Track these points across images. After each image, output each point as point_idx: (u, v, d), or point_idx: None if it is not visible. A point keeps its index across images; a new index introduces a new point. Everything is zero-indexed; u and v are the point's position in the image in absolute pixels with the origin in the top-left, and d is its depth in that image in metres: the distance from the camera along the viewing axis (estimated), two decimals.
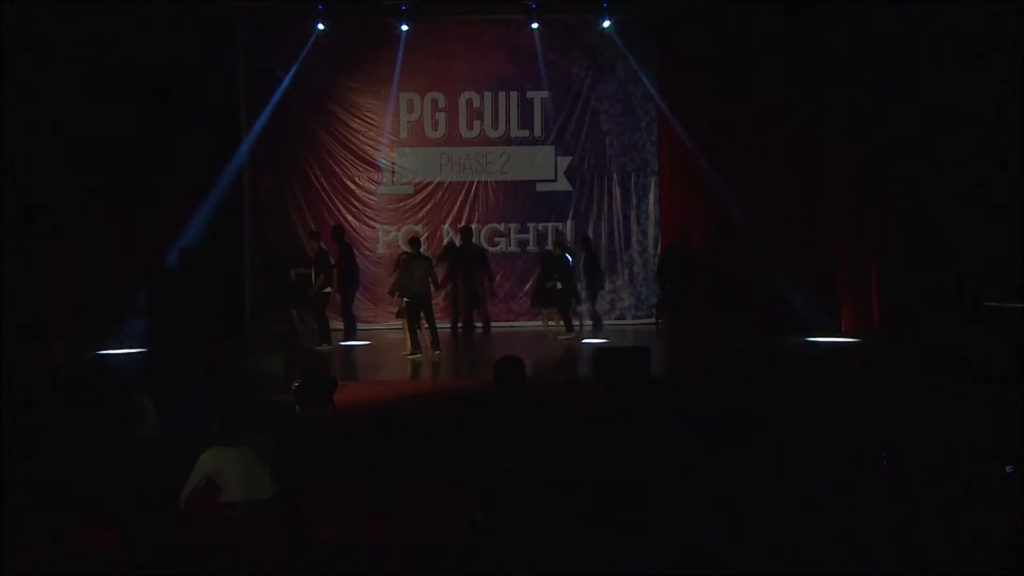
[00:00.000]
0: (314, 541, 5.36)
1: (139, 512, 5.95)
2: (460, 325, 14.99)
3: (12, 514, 5.84)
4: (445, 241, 15.24)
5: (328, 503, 6.05)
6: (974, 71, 11.90)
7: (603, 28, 14.88)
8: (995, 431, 6.53)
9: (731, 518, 5.40)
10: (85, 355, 12.51)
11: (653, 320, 15.08)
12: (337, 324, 14.22)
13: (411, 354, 12.31)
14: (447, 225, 15.40)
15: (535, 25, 14.72)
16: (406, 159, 15.40)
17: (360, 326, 14.87)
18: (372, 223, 15.36)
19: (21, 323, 11.71)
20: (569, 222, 15.44)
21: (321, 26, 14.58)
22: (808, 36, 13.58)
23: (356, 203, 15.34)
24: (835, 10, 12.96)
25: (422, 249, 13.08)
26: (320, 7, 14.45)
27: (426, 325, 12.58)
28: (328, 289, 13.25)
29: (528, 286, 14.87)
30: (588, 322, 14.70)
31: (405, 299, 12.40)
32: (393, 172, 15.41)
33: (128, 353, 12.86)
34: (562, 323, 13.94)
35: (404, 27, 14.60)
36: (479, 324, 15.00)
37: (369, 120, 15.33)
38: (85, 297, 13.02)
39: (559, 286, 13.75)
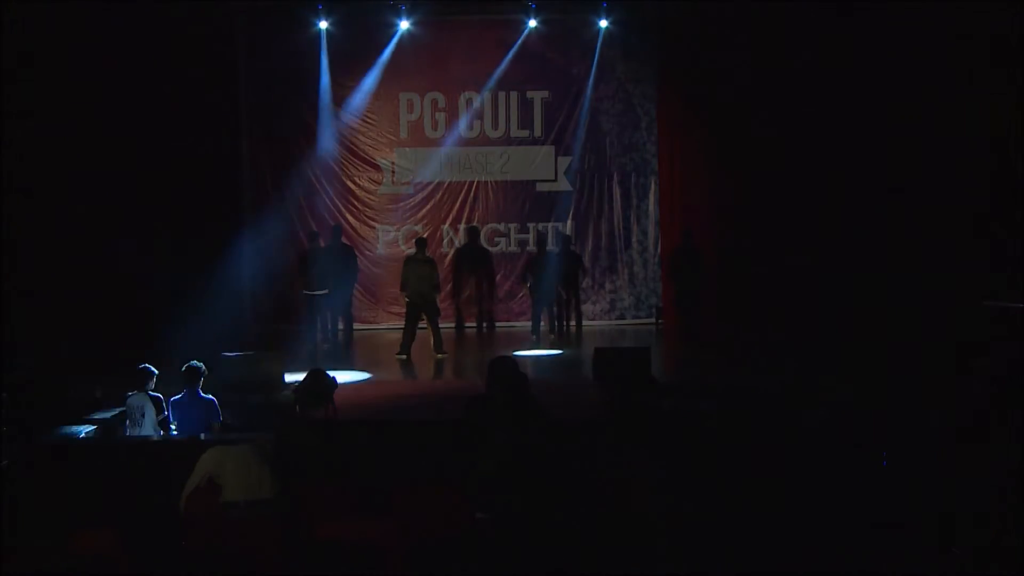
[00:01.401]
0: (314, 541, 5.37)
1: (139, 512, 5.96)
2: (469, 325, 15.00)
3: (12, 514, 5.85)
4: (447, 241, 15.27)
5: (328, 503, 6.05)
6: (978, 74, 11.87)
7: (602, 28, 14.88)
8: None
9: (731, 518, 5.41)
10: None
11: (653, 320, 15.07)
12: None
13: (398, 354, 12.30)
14: (447, 225, 15.40)
15: (535, 24, 14.73)
16: (406, 159, 15.41)
17: (360, 326, 14.86)
18: (372, 223, 15.35)
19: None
20: (569, 222, 15.42)
21: (323, 25, 14.60)
22: (808, 35, 13.56)
23: (356, 203, 15.33)
24: (835, 8, 12.94)
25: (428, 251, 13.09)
26: (320, 7, 14.47)
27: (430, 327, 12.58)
28: (316, 291, 13.22)
29: (529, 285, 14.80)
30: (572, 323, 14.60)
31: (406, 299, 12.43)
32: (393, 172, 15.41)
33: None
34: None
35: (404, 26, 14.62)
36: (483, 323, 15.01)
37: (369, 120, 15.34)
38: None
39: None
